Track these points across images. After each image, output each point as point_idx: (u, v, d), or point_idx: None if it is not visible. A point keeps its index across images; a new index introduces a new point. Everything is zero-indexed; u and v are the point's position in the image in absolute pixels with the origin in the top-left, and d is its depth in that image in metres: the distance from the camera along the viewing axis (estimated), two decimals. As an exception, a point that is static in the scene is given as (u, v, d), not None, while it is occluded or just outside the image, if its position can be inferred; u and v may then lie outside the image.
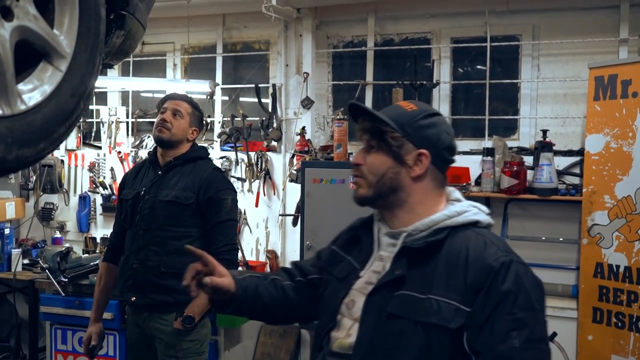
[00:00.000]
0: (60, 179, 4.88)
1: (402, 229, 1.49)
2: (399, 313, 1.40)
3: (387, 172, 1.48)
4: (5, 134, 1.09)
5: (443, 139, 1.49)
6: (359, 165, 1.52)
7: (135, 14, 1.58)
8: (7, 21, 1.10)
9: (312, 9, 4.37)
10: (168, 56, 4.95)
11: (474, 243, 1.42)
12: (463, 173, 4.02)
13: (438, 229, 1.45)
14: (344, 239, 1.67)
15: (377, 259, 1.52)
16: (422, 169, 1.47)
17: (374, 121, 1.50)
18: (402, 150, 1.47)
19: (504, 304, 1.35)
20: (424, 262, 1.43)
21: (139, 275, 2.73)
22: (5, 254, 4.36)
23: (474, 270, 1.38)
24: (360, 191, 1.52)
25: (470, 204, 1.52)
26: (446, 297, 1.38)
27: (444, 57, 4.28)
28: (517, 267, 1.39)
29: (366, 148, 1.53)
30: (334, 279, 1.59)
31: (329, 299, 1.57)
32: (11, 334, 4.78)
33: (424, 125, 1.48)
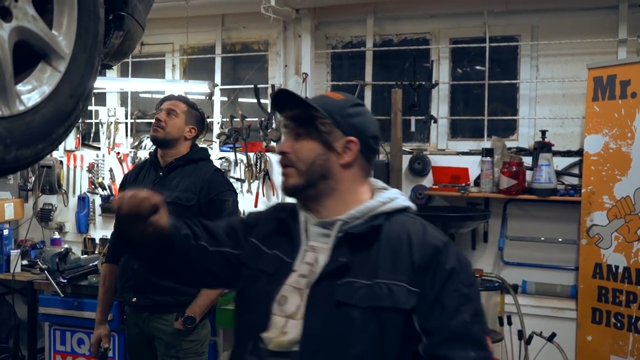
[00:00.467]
0: (59, 180, 4.87)
1: (335, 217, 1.47)
2: (347, 300, 1.38)
3: (317, 159, 1.47)
4: (4, 134, 1.09)
5: (370, 127, 1.51)
6: (287, 153, 1.49)
7: (134, 15, 1.58)
8: (6, 22, 1.10)
9: (311, 10, 4.37)
10: (167, 57, 4.95)
11: (413, 227, 1.46)
12: (462, 173, 4.03)
13: (374, 215, 1.46)
14: (264, 230, 1.57)
15: (309, 250, 1.47)
16: (351, 157, 1.47)
17: (303, 107, 1.49)
18: (331, 137, 1.47)
19: (450, 281, 1.40)
20: (365, 248, 1.43)
21: (139, 276, 2.73)
22: (4, 254, 4.35)
23: (419, 251, 1.41)
24: (291, 180, 1.49)
25: (397, 192, 1.54)
26: (395, 280, 1.39)
27: (443, 57, 4.29)
28: (454, 247, 1.46)
29: (294, 136, 1.51)
30: (262, 274, 1.50)
31: (257, 297, 1.49)
32: (10, 335, 4.76)
33: (352, 113, 1.50)
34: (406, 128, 4.16)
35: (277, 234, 1.54)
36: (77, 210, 4.92)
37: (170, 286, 2.68)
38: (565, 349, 3.54)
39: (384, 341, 1.37)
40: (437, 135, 4.31)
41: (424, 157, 4.15)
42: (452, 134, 4.35)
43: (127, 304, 2.91)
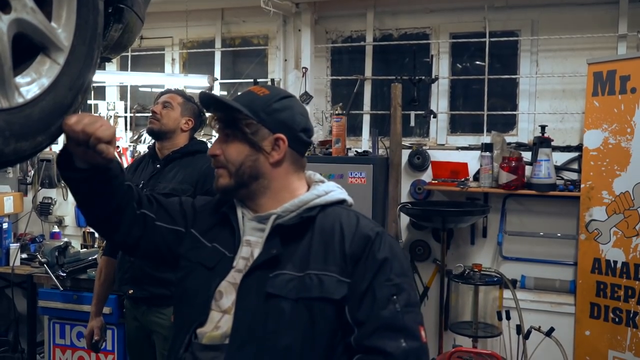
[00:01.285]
0: (58, 174, 4.87)
1: (270, 211, 1.46)
2: (277, 292, 1.37)
3: (246, 161, 1.45)
4: (3, 127, 1.09)
5: (298, 121, 1.49)
6: (217, 155, 1.48)
7: (133, 8, 1.57)
8: (5, 14, 1.10)
9: (310, 4, 4.36)
10: (166, 51, 4.94)
11: (346, 218, 1.46)
12: (461, 168, 4.03)
13: (308, 208, 1.46)
14: (207, 222, 1.56)
15: (245, 245, 1.47)
16: (281, 154, 1.46)
17: (225, 110, 1.47)
18: (257, 137, 1.45)
19: (382, 271, 1.39)
20: (297, 240, 1.43)
21: (136, 268, 2.73)
22: (4, 248, 4.35)
23: (351, 241, 1.41)
24: (221, 181, 1.48)
25: (334, 185, 1.54)
26: (326, 270, 1.39)
27: (443, 52, 4.28)
28: (388, 237, 1.45)
29: (222, 137, 1.49)
30: (201, 267, 1.48)
31: (194, 291, 1.47)
32: (9, 329, 4.77)
33: (278, 108, 1.47)
34: (406, 123, 4.15)
35: (219, 226, 1.53)
36: (76, 204, 4.91)
37: (167, 278, 2.68)
38: (563, 344, 3.55)
39: (314, 332, 1.36)
40: (436, 130, 4.31)
41: (424, 152, 4.15)
42: (452, 129, 4.34)
43: (125, 296, 2.91)
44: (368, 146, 4.25)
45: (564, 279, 3.90)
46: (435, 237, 4.13)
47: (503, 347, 3.83)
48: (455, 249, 4.13)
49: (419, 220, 4.05)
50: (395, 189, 4.00)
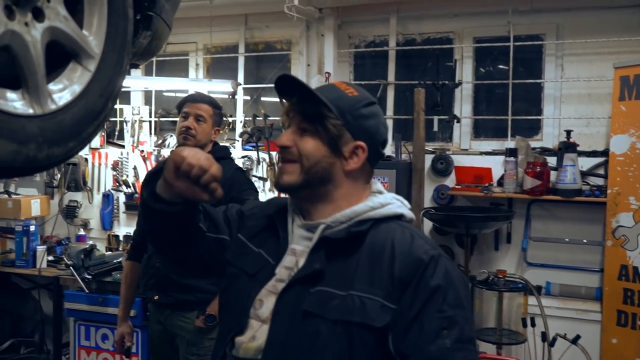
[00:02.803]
0: (84, 177, 4.94)
1: (319, 220, 1.34)
2: (315, 311, 1.26)
3: (322, 160, 1.33)
4: (36, 133, 1.10)
5: (381, 132, 1.39)
6: (289, 147, 1.34)
7: (161, 15, 1.59)
8: (39, 22, 1.11)
9: (334, 9, 4.37)
10: (190, 56, 4.98)
11: (400, 236, 1.31)
12: (485, 173, 4.00)
13: (360, 220, 1.33)
14: (255, 226, 1.46)
15: (290, 253, 1.36)
16: (358, 164, 1.35)
17: (314, 103, 1.32)
18: (340, 141, 1.33)
19: (434, 300, 1.24)
20: (344, 255, 1.30)
21: (161, 274, 2.76)
22: (31, 250, 4.42)
23: (401, 263, 1.27)
24: (287, 178, 1.34)
25: (393, 197, 1.41)
26: (370, 293, 1.25)
27: (467, 56, 4.26)
28: (445, 262, 1.29)
29: (296, 130, 1.35)
30: (243, 274, 1.39)
31: (235, 298, 1.39)
32: (35, 330, 4.85)
33: (365, 114, 1.35)
34: (429, 128, 4.14)
35: (266, 232, 1.43)
36: (101, 207, 4.98)
37: (191, 284, 2.72)
38: (589, 352, 3.50)
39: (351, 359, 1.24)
40: (460, 135, 4.29)
41: (447, 157, 4.13)
42: (475, 134, 4.32)
43: (150, 301, 2.94)
44: (391, 151, 4.24)
45: (590, 285, 3.85)
46: (459, 242, 4.10)
47: (528, 354, 3.79)
48: (479, 254, 4.10)
49: (443, 226, 4.03)
50: (418, 194, 3.98)
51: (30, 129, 1.09)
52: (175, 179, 1.28)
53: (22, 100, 1.10)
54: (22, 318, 4.91)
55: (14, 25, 1.05)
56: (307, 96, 1.33)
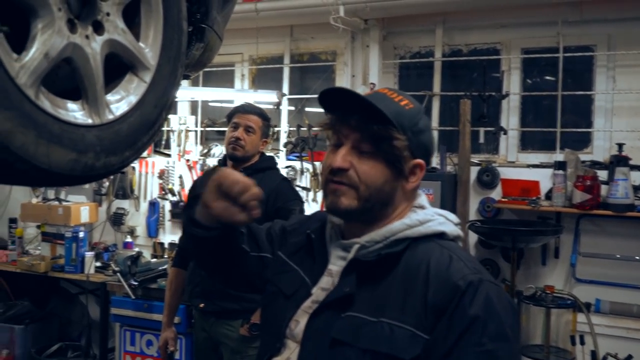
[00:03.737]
0: (131, 185, 5.04)
1: (354, 239, 1.24)
2: (344, 339, 1.17)
3: (385, 186, 1.21)
4: (94, 142, 1.13)
5: (433, 145, 1.33)
6: (345, 170, 1.21)
7: (213, 27, 1.62)
8: (99, 35, 1.15)
9: (379, 20, 4.38)
10: (236, 66, 5.04)
11: (437, 257, 1.19)
12: (532, 186, 3.93)
13: (396, 240, 1.21)
14: (294, 243, 1.38)
15: (327, 274, 1.27)
16: (416, 182, 1.25)
17: (378, 122, 1.19)
18: (403, 161, 1.21)
19: (471, 332, 1.11)
20: (377, 278, 1.20)
21: (207, 282, 2.78)
22: (79, 256, 4.51)
23: (435, 289, 1.14)
24: (344, 201, 1.21)
25: (436, 212, 1.28)
26: (400, 321, 1.14)
27: (514, 67, 4.20)
28: (487, 287, 1.15)
29: (354, 150, 1.22)
30: (281, 293, 1.32)
31: (273, 317, 1.33)
32: (82, 334, 4.95)
33: (422, 129, 1.25)
34: (475, 139, 4.08)
35: (305, 249, 1.35)
36: (147, 215, 5.07)
37: (236, 293, 2.73)
38: (641, 373, 3.39)
39: None
40: (506, 147, 4.22)
41: (493, 169, 4.07)
42: (523, 146, 4.24)
43: (195, 308, 2.97)
44: (436, 163, 4.20)
45: (642, 304, 3.73)
46: (505, 256, 4.03)
47: (576, 373, 3.68)
48: (526, 269, 4.01)
49: (488, 239, 3.96)
50: (463, 207, 3.93)
51: (89, 138, 1.12)
52: (215, 200, 1.22)
53: (82, 110, 1.13)
54: (69, 322, 5.03)
55: (75, 38, 1.08)
56: (372, 113, 1.18)
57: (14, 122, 0.95)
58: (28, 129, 0.98)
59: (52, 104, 1.06)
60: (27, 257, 4.59)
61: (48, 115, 1.04)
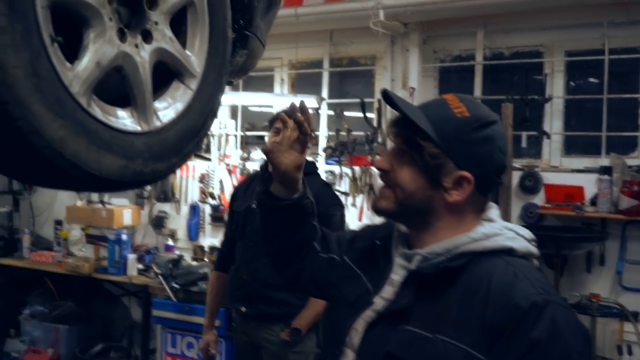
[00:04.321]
0: (172, 189, 5.12)
1: (416, 250, 1.22)
2: (398, 354, 1.14)
3: (417, 193, 1.19)
4: (143, 149, 1.15)
5: (495, 159, 1.19)
6: (386, 171, 1.23)
7: (257, 34, 1.64)
8: (147, 43, 1.17)
9: (419, 24, 4.35)
10: (276, 71, 5.08)
11: (500, 274, 1.12)
12: (576, 192, 3.85)
13: (458, 253, 1.17)
14: (361, 248, 1.37)
15: (388, 283, 1.24)
16: (461, 196, 1.18)
17: (409, 128, 1.19)
18: (440, 172, 1.17)
19: (531, 357, 1.05)
20: (436, 292, 1.16)
21: (248, 286, 2.80)
22: (122, 258, 4.60)
23: (495, 308, 1.09)
24: (382, 203, 1.24)
25: (504, 226, 1.22)
26: (456, 339, 1.10)
27: (557, 70, 4.12)
28: (554, 310, 1.08)
29: (397, 152, 1.23)
30: (343, 300, 1.32)
31: (334, 324, 1.33)
32: (124, 335, 5.05)
33: (476, 139, 1.17)
34: (517, 144, 4.02)
35: (370, 256, 1.34)
36: (188, 218, 5.13)
37: (278, 297, 2.75)
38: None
39: None
40: (549, 152, 4.14)
41: (536, 174, 3.99)
42: (566, 151, 4.16)
43: (236, 312, 2.99)
44: (476, 167, 4.15)
45: (693, 314, 3.60)
46: (548, 263, 3.94)
47: (622, 383, 3.58)
48: (570, 276, 3.92)
49: (530, 245, 3.88)
50: (505, 212, 3.86)
51: (138, 145, 1.15)
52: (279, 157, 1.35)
53: (131, 117, 1.16)
54: (112, 323, 5.13)
55: (125, 47, 1.11)
56: (404, 123, 1.20)
57: (68, 129, 0.98)
58: (80, 136, 1.01)
59: (102, 112, 1.08)
60: (72, 259, 4.70)
61: (99, 122, 1.06)
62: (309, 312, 2.76)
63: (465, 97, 1.23)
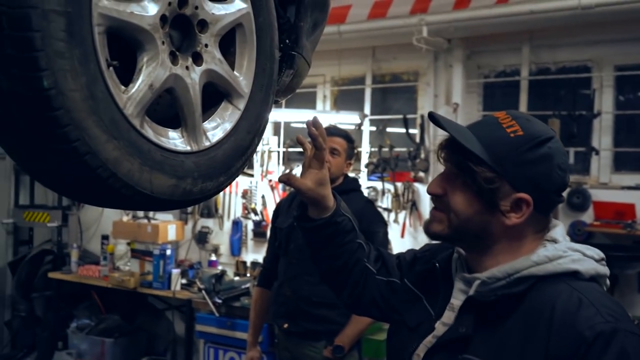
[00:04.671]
0: (216, 205, 5.18)
1: (476, 274, 1.17)
2: None
3: (474, 218, 1.15)
4: (192, 168, 1.17)
5: (554, 178, 1.13)
6: (439, 196, 1.20)
7: (303, 54, 1.65)
8: (197, 65, 1.19)
9: (463, 39, 4.32)
10: (318, 88, 5.11)
11: (565, 301, 1.06)
12: (627, 209, 3.74)
13: (520, 277, 1.11)
14: (422, 271, 1.34)
15: (449, 308, 1.20)
16: (520, 218, 1.13)
17: (460, 153, 1.14)
18: (496, 195, 1.13)
19: None
20: (497, 319, 1.12)
21: (291, 303, 2.81)
22: (166, 273, 4.66)
23: (558, 338, 1.03)
24: (436, 227, 1.20)
25: (569, 247, 1.14)
26: None
27: (606, 85, 4.03)
28: (624, 339, 1.01)
29: (448, 175, 1.19)
30: (404, 325, 1.29)
31: (396, 349, 1.30)
32: (167, 349, 5.10)
33: (531, 160, 1.12)
34: (564, 160, 3.94)
35: (431, 279, 1.30)
36: (231, 234, 5.18)
37: (321, 314, 2.75)
38: None
39: None
40: (598, 168, 4.05)
41: (584, 191, 3.90)
42: (616, 167, 4.05)
43: (279, 328, 2.99)
44: (522, 184, 4.08)
45: None
46: (597, 283, 3.84)
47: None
48: (620, 297, 3.80)
49: (579, 264, 3.79)
50: (552, 230, 3.79)
51: (188, 164, 1.16)
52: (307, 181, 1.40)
53: (181, 138, 1.18)
54: (156, 337, 5.20)
55: (176, 69, 1.13)
56: (454, 147, 1.16)
57: (122, 150, 1.00)
58: (134, 157, 1.03)
59: (154, 133, 1.10)
60: (118, 273, 4.79)
61: (151, 143, 1.08)
62: (352, 330, 2.75)
63: (518, 114, 1.19)
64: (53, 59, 0.88)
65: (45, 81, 0.88)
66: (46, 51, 0.87)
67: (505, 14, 3.85)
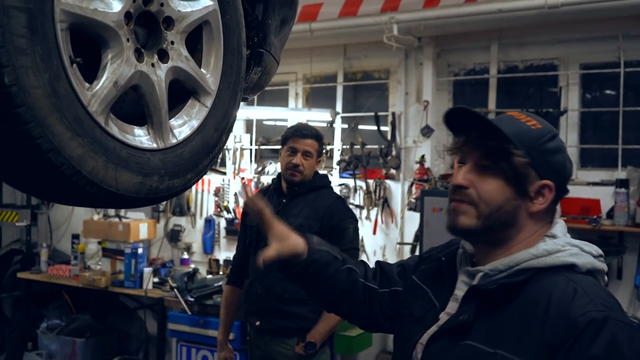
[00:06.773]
0: (188, 203, 5.16)
1: (479, 267, 1.24)
2: None
3: (505, 205, 1.20)
4: (159, 165, 1.17)
5: (568, 167, 1.25)
6: (466, 188, 1.23)
7: (271, 51, 1.66)
8: (163, 62, 1.19)
9: (433, 38, 4.36)
10: (290, 85, 5.11)
11: (561, 291, 1.12)
12: (593, 205, 3.82)
13: (520, 269, 1.18)
14: (428, 268, 1.41)
15: (453, 299, 1.27)
16: (544, 205, 1.21)
17: (496, 138, 1.20)
18: (526, 180, 1.20)
19: None
20: (497, 307, 1.18)
21: (263, 301, 2.81)
22: (138, 272, 4.62)
23: (553, 325, 1.09)
24: (464, 220, 1.23)
25: (568, 242, 1.21)
26: (515, 354, 1.11)
27: (572, 83, 4.11)
28: (615, 327, 1.07)
29: (474, 168, 1.23)
30: (410, 316, 1.35)
31: (401, 340, 1.36)
32: (140, 348, 5.07)
33: (551, 149, 1.22)
34: (532, 157, 4.00)
35: (437, 274, 1.36)
36: (203, 232, 5.16)
37: (292, 311, 2.76)
38: None
39: None
40: (565, 164, 4.12)
41: (551, 187, 3.97)
42: (582, 164, 4.14)
43: (251, 326, 3.00)
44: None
45: None
46: (564, 277, 3.92)
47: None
48: (586, 290, 3.88)
49: (546, 259, 3.86)
50: (520, 225, 3.85)
51: (154, 162, 1.17)
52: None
53: (147, 135, 1.18)
54: (128, 336, 5.16)
55: (142, 66, 1.13)
56: (489, 130, 1.21)
57: (86, 147, 1.00)
58: (98, 154, 1.03)
59: (120, 130, 1.11)
60: (89, 272, 4.73)
61: (116, 140, 1.08)
62: (323, 326, 2.76)
63: (529, 113, 1.28)
64: (14, 56, 0.88)
65: (6, 78, 0.88)
66: (7, 48, 0.87)
67: (474, 13, 3.91)
